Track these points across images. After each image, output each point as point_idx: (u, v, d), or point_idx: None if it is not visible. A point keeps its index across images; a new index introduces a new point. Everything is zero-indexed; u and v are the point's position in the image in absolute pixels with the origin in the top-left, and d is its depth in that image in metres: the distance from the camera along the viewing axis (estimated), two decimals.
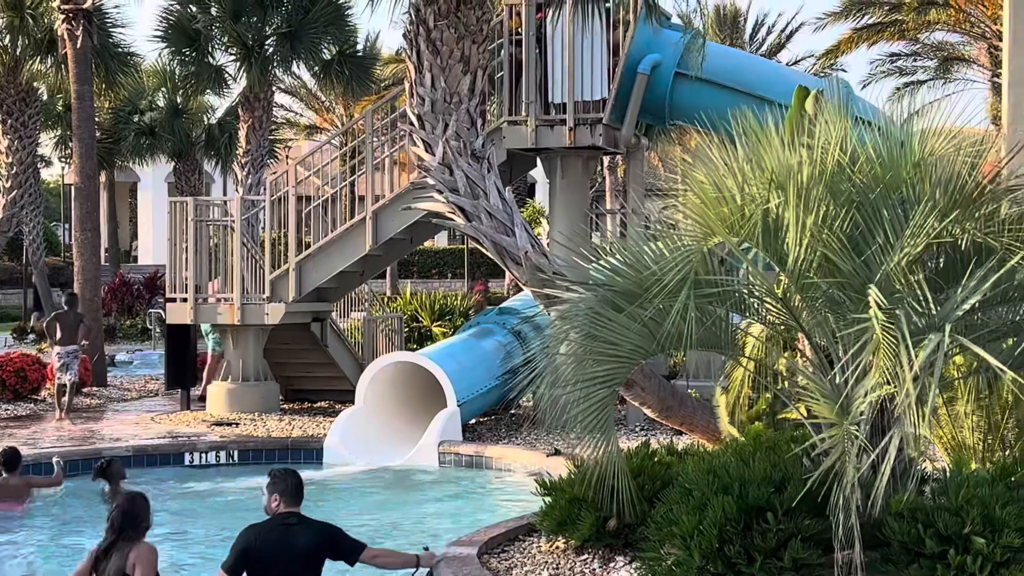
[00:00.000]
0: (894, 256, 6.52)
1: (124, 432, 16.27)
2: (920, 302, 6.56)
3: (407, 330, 23.65)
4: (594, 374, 7.05)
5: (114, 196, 49.02)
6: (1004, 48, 12.96)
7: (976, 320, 6.96)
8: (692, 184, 7.07)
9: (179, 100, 35.55)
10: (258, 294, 17.99)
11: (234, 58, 25.39)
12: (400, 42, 15.73)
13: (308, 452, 14.80)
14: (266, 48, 24.97)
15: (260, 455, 14.70)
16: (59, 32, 23.37)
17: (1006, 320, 7.07)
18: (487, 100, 13.86)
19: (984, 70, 33.96)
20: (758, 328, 7.84)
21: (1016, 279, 6.74)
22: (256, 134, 26.06)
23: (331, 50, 25.62)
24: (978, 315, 6.97)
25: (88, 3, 22.78)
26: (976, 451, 8.21)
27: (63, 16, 22.72)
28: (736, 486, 6.75)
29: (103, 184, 42.15)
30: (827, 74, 34.00)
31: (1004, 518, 6.32)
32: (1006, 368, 6.25)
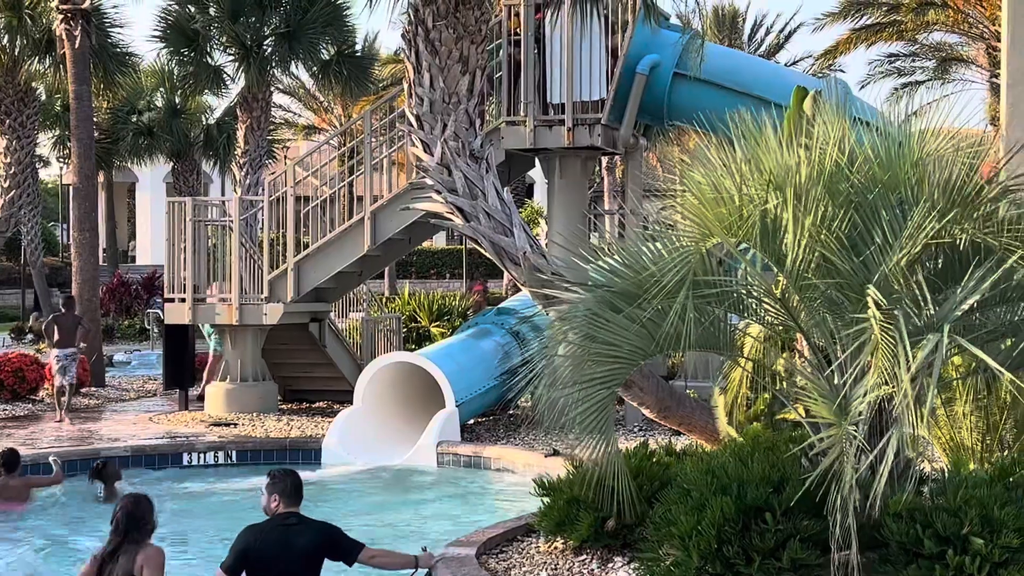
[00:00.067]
0: (892, 256, 6.52)
1: (122, 432, 16.27)
2: (919, 302, 6.57)
3: (405, 330, 23.65)
4: (593, 375, 7.05)
5: (112, 196, 49.00)
6: (1002, 49, 12.95)
7: (974, 320, 6.96)
8: (690, 185, 7.07)
9: (177, 100, 35.55)
10: (256, 294, 17.99)
11: (232, 58, 25.41)
12: (399, 42, 15.71)
13: (306, 452, 14.78)
14: (264, 48, 24.98)
15: (258, 455, 14.69)
16: (57, 32, 23.35)
17: (1004, 320, 7.06)
18: (486, 100, 13.84)
19: (982, 71, 33.99)
20: (756, 328, 7.84)
21: (1014, 279, 6.73)
22: (254, 134, 26.08)
23: (329, 50, 25.63)
24: (976, 315, 6.97)
25: (86, 3, 22.77)
26: (974, 452, 8.20)
27: (61, 16, 22.70)
28: (734, 486, 6.74)
29: (101, 184, 42.10)
30: (825, 74, 34.01)
31: (1002, 519, 6.32)
32: (1004, 369, 6.26)
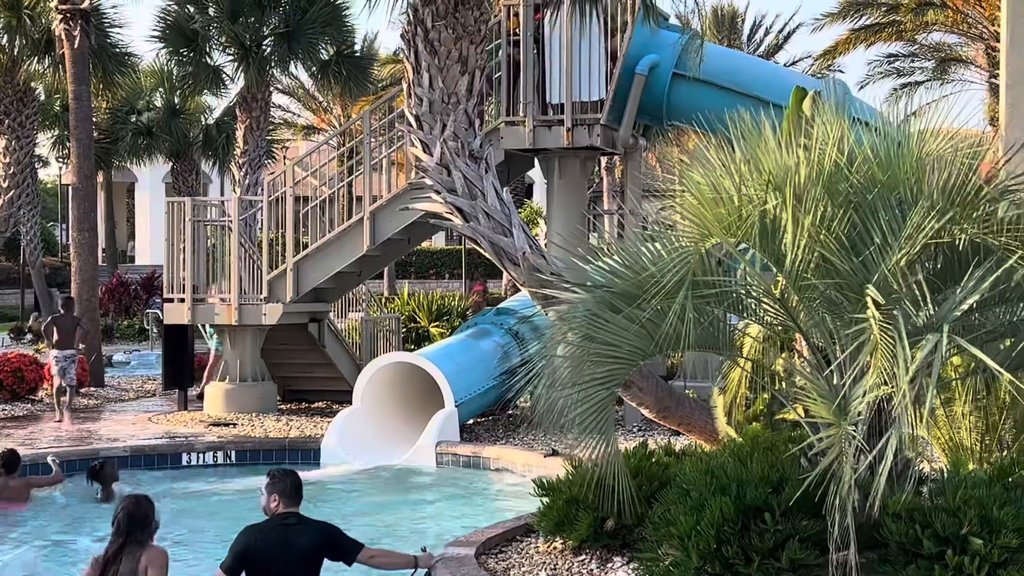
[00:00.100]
0: (892, 256, 6.52)
1: (121, 432, 16.26)
2: (918, 303, 6.57)
3: (405, 330, 23.65)
4: (592, 376, 7.04)
5: (111, 196, 49.00)
6: (1002, 49, 12.95)
7: (973, 321, 6.96)
8: (689, 185, 7.06)
9: (177, 100, 35.54)
10: (256, 294, 17.99)
11: (232, 58, 25.40)
12: (398, 42, 15.70)
13: (306, 452, 14.78)
14: (264, 48, 24.97)
15: (257, 455, 14.69)
16: (56, 32, 23.34)
17: (1004, 321, 7.06)
18: (485, 101, 13.85)
19: (981, 71, 33.98)
20: (755, 329, 7.85)
21: (1014, 279, 6.73)
22: (254, 134, 26.07)
23: (329, 50, 25.63)
24: (975, 316, 6.97)
25: (85, 3, 22.76)
26: (974, 452, 8.21)
27: (60, 16, 22.69)
28: (734, 487, 6.74)
29: (100, 184, 42.13)
30: (825, 75, 34.00)
31: (1001, 519, 6.32)
32: (1003, 369, 6.26)
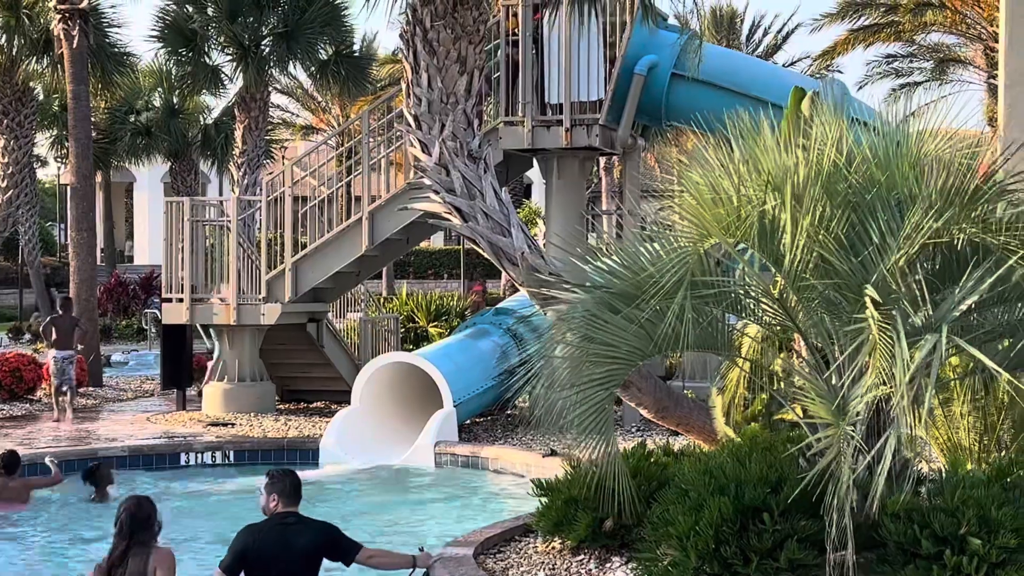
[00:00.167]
0: (890, 257, 6.52)
1: (120, 432, 16.26)
2: (916, 303, 6.57)
3: (403, 330, 23.64)
4: (591, 376, 7.04)
5: (110, 196, 49.01)
6: (1000, 50, 12.96)
7: (972, 321, 6.96)
8: (688, 185, 7.07)
9: (175, 100, 35.51)
10: (254, 294, 17.99)
11: (230, 58, 25.39)
12: (397, 43, 15.72)
13: (304, 452, 14.79)
14: (262, 48, 24.96)
15: (256, 455, 14.69)
16: (55, 32, 23.35)
17: (1002, 321, 7.07)
18: (484, 101, 13.84)
19: (980, 72, 34.01)
20: (754, 329, 7.85)
21: (1012, 279, 6.74)
22: (252, 134, 26.05)
23: (328, 50, 25.62)
24: (974, 316, 6.97)
25: (84, 3, 22.76)
26: (972, 452, 8.20)
27: (59, 16, 22.70)
28: (732, 487, 6.74)
29: (99, 184, 42.09)
30: (823, 75, 34.04)
31: (1000, 519, 6.33)
32: (1002, 369, 6.26)
